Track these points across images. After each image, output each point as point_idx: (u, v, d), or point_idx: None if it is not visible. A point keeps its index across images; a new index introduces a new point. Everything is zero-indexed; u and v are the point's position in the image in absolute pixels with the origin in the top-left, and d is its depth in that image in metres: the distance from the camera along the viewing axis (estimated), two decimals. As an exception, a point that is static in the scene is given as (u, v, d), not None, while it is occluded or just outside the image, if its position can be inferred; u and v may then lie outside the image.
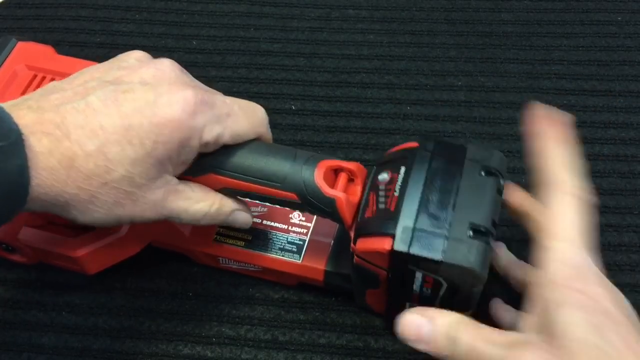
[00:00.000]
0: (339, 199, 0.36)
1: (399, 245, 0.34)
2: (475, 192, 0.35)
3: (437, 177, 0.35)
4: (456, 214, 0.34)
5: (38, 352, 0.42)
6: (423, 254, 0.33)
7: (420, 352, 0.42)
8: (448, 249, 0.33)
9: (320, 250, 0.42)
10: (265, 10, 0.61)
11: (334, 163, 0.37)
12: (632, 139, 0.51)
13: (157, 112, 0.33)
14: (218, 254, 0.44)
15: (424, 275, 0.34)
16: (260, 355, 0.42)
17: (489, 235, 0.34)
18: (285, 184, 0.36)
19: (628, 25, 0.58)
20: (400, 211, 0.34)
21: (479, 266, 0.33)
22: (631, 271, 0.44)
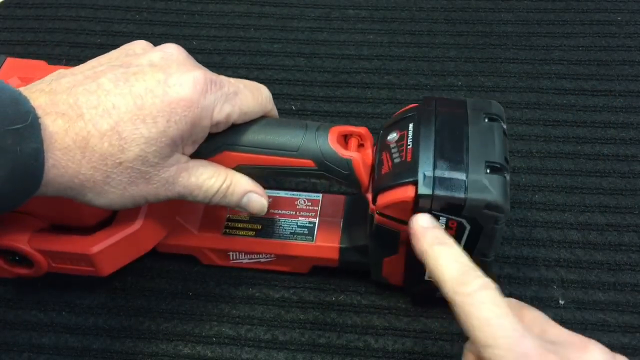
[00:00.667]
0: (355, 159, 0.37)
1: (422, 190, 0.34)
2: (484, 136, 0.36)
3: (446, 126, 0.37)
4: (471, 156, 0.35)
5: (38, 352, 0.42)
6: (447, 195, 0.34)
7: (420, 353, 0.42)
8: (470, 188, 0.34)
9: (332, 230, 0.43)
10: (265, 10, 0.61)
11: (343, 128, 0.38)
12: (632, 139, 0.51)
13: (169, 91, 0.33)
14: (229, 247, 0.44)
15: (448, 220, 0.35)
16: (260, 355, 0.42)
17: (505, 170, 0.35)
18: (300, 152, 0.37)
19: (628, 25, 0.58)
20: (418, 159, 0.35)
21: (501, 198, 0.34)
22: (631, 271, 0.44)
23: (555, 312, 0.43)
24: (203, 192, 0.37)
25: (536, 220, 0.47)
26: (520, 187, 0.49)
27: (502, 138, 0.36)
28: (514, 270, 0.45)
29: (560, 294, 0.44)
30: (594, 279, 0.44)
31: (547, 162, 0.50)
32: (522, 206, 0.48)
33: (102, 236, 0.39)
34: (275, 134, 0.37)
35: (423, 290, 0.41)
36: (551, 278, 0.44)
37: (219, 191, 0.37)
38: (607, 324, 0.42)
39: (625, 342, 0.41)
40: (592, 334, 0.41)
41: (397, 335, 0.42)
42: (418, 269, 0.38)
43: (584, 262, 0.45)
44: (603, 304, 0.43)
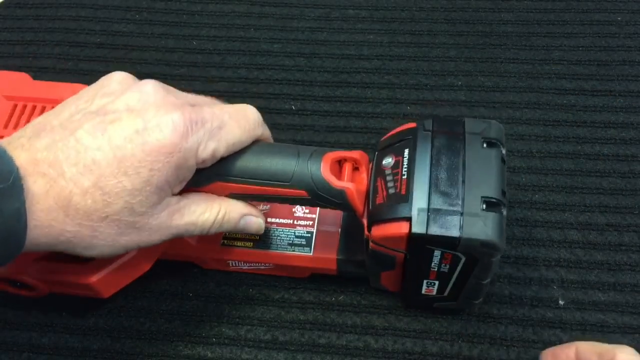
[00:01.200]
0: (349, 190, 0.36)
1: (416, 228, 0.34)
2: (481, 165, 0.35)
3: (442, 154, 0.36)
4: (467, 189, 0.35)
5: (38, 352, 0.42)
6: (441, 234, 0.34)
7: (420, 353, 0.42)
8: (464, 225, 0.34)
9: (330, 240, 0.43)
10: (265, 10, 0.61)
11: (337, 154, 0.37)
12: (632, 139, 0.51)
13: (148, 139, 0.32)
14: (227, 257, 0.44)
15: (443, 252, 0.35)
16: (260, 355, 0.42)
17: (501, 205, 0.34)
18: (293, 182, 0.36)
19: (628, 25, 0.58)
20: (412, 193, 0.35)
21: (497, 237, 0.34)
22: (631, 271, 0.44)
23: (555, 313, 0.43)
24: (199, 227, 0.37)
25: (536, 220, 0.47)
26: (520, 187, 0.49)
27: (500, 167, 0.36)
28: (514, 270, 0.45)
29: (560, 294, 0.44)
30: (594, 279, 0.44)
31: (547, 162, 0.50)
32: (522, 206, 0.48)
33: (99, 264, 0.39)
34: (267, 163, 0.37)
35: (420, 302, 0.42)
36: (551, 278, 0.44)
37: (214, 223, 0.37)
38: (606, 324, 0.42)
39: (625, 342, 0.41)
40: (592, 335, 0.42)
41: (397, 335, 0.42)
42: (415, 283, 0.39)
43: (584, 262, 0.45)
44: (603, 304, 0.43)
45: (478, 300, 0.40)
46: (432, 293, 0.40)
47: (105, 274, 0.39)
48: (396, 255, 0.37)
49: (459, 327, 0.43)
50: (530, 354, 0.41)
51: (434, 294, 0.40)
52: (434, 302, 0.41)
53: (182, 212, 0.36)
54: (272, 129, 0.40)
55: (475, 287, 0.38)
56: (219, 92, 0.55)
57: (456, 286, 0.38)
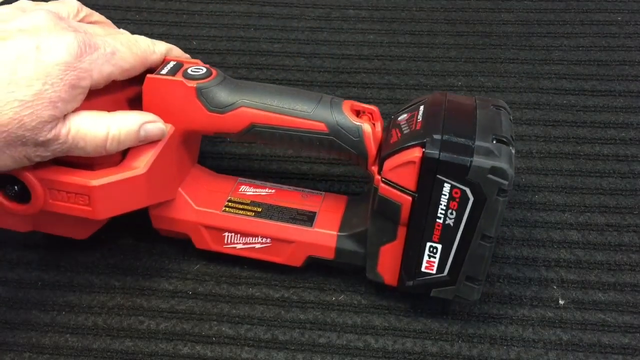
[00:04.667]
0: (366, 128, 0.38)
1: (429, 149, 0.35)
2: (492, 118, 0.37)
3: (454, 109, 0.38)
4: (478, 129, 0.36)
5: (38, 352, 0.42)
6: (453, 159, 0.35)
7: (420, 353, 0.42)
8: (476, 152, 0.35)
9: (332, 219, 0.43)
10: (265, 10, 0.61)
11: (357, 104, 0.40)
12: (632, 139, 0.51)
13: (42, 57, 0.34)
14: (226, 225, 0.43)
15: (452, 188, 0.36)
16: (260, 354, 0.42)
17: (511, 144, 0.36)
18: (314, 114, 0.38)
19: (628, 25, 0.58)
20: (427, 127, 0.36)
21: (507, 164, 0.35)
22: (631, 271, 0.44)
23: (555, 313, 0.43)
24: (92, 145, 0.37)
25: (536, 221, 0.47)
26: (520, 188, 0.49)
27: (509, 122, 0.37)
28: (514, 271, 0.45)
29: (560, 294, 0.44)
30: (593, 279, 0.44)
31: (547, 163, 0.50)
32: (522, 206, 0.48)
33: (104, 173, 0.39)
34: (291, 97, 0.39)
35: (418, 285, 0.41)
36: (551, 278, 0.44)
37: (108, 137, 0.37)
38: (607, 324, 0.42)
39: (625, 342, 0.41)
40: (592, 334, 0.42)
41: (397, 335, 0.42)
42: (415, 258, 0.39)
43: (583, 262, 0.45)
44: (603, 304, 0.43)
45: (478, 283, 0.39)
46: (432, 271, 0.39)
47: (106, 183, 0.38)
48: (403, 203, 0.37)
49: (459, 327, 0.43)
50: (530, 354, 0.41)
51: (434, 273, 0.39)
52: (431, 287, 0.41)
53: (70, 126, 0.36)
54: (272, 128, 0.40)
55: (477, 256, 0.38)
56: (219, 92, 0.55)
57: (458, 258, 0.38)
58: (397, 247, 0.39)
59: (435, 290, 0.40)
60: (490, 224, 0.37)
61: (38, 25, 0.36)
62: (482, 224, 0.37)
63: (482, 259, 0.38)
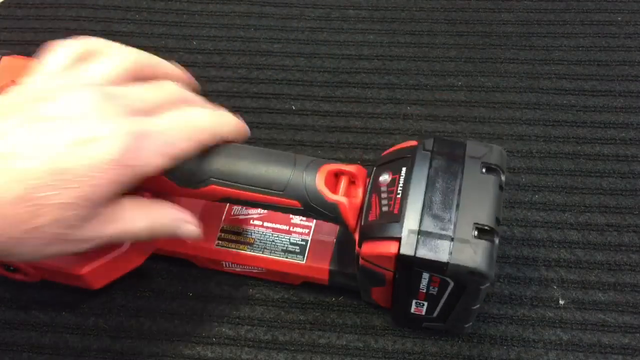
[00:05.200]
0: (342, 204, 0.36)
1: (405, 249, 0.34)
2: (478, 191, 0.35)
3: (439, 177, 0.36)
4: (460, 214, 0.34)
5: (38, 352, 0.42)
6: (429, 257, 0.34)
7: (420, 353, 0.42)
8: (454, 251, 0.33)
9: (324, 250, 0.42)
10: (265, 10, 0.61)
11: (334, 167, 0.37)
12: (632, 139, 0.51)
13: (90, 153, 0.31)
14: (221, 258, 0.44)
15: (431, 275, 0.35)
16: (260, 355, 0.42)
17: (494, 233, 0.34)
18: (287, 192, 0.36)
19: (628, 25, 0.58)
20: (405, 214, 0.35)
21: (486, 266, 0.33)
22: (631, 271, 0.44)
23: (555, 313, 0.43)
24: (129, 235, 0.35)
25: (536, 221, 0.47)
26: (520, 187, 0.49)
27: (497, 194, 0.35)
28: (514, 270, 0.45)
29: (560, 294, 0.44)
30: (594, 279, 0.44)
31: (547, 162, 0.50)
32: (522, 206, 0.48)
33: (91, 256, 0.39)
34: (262, 170, 0.36)
35: (409, 321, 0.41)
36: (551, 278, 0.44)
37: (145, 230, 0.35)
38: (607, 324, 0.42)
39: (625, 342, 0.41)
40: (592, 335, 0.42)
41: (397, 335, 0.42)
42: (404, 301, 0.39)
43: (584, 262, 0.45)
44: (603, 304, 0.43)
45: (467, 324, 0.40)
46: (421, 313, 0.39)
47: (97, 266, 0.39)
48: (385, 273, 0.37)
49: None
50: (530, 354, 0.41)
51: (423, 314, 0.40)
52: (422, 322, 0.41)
53: (111, 220, 0.33)
54: (272, 128, 0.40)
55: (465, 312, 0.38)
56: (219, 92, 0.55)
57: (445, 309, 0.38)
58: (387, 289, 0.39)
59: (426, 324, 0.41)
60: (474, 302, 0.37)
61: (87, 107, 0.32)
62: (465, 300, 0.36)
63: (469, 315, 0.39)
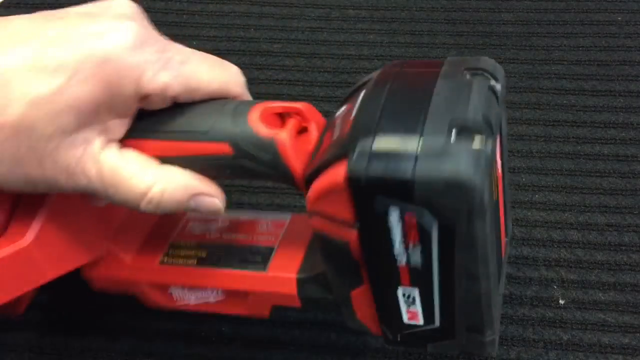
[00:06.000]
0: (280, 140, 0.28)
1: (354, 168, 0.24)
2: (456, 92, 0.25)
3: (404, 86, 0.27)
4: (430, 116, 0.25)
5: (38, 353, 0.42)
6: (388, 173, 0.24)
7: (421, 353, 0.42)
8: (423, 156, 0.24)
9: (292, 257, 0.33)
10: (265, 10, 0.61)
11: (274, 104, 0.29)
12: (633, 139, 0.51)
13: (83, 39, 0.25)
14: (162, 279, 0.35)
15: (402, 212, 0.25)
16: (260, 355, 0.42)
17: (481, 132, 0.24)
18: (212, 133, 0.29)
19: (628, 25, 0.58)
20: (356, 129, 0.26)
21: (471, 170, 0.23)
22: (631, 271, 0.44)
23: (556, 312, 0.43)
24: (123, 195, 0.28)
25: (536, 220, 0.47)
26: (520, 187, 0.49)
27: (485, 94, 0.26)
28: (514, 270, 0.45)
29: (561, 294, 0.44)
30: (594, 279, 0.44)
31: (547, 162, 0.50)
32: (522, 206, 0.48)
33: None
34: (184, 113, 0.29)
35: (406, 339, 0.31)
36: (551, 278, 0.44)
37: (145, 195, 0.28)
38: (607, 324, 0.42)
39: (625, 342, 0.41)
40: (592, 334, 0.42)
41: (397, 335, 0.42)
42: (388, 297, 0.29)
43: (584, 262, 0.45)
44: (603, 304, 0.43)
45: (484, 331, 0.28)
46: (418, 322, 0.29)
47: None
48: (348, 240, 0.27)
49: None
50: (530, 354, 0.41)
51: (422, 324, 0.29)
52: (426, 340, 0.30)
53: (104, 164, 0.27)
54: (272, 128, 0.39)
55: (471, 301, 0.27)
56: (219, 92, 0.55)
57: (446, 305, 0.28)
58: (368, 291, 0.29)
59: (431, 346, 0.30)
60: (473, 259, 0.25)
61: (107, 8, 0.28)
62: (461, 260, 0.25)
63: (479, 305, 0.27)
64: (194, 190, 0.30)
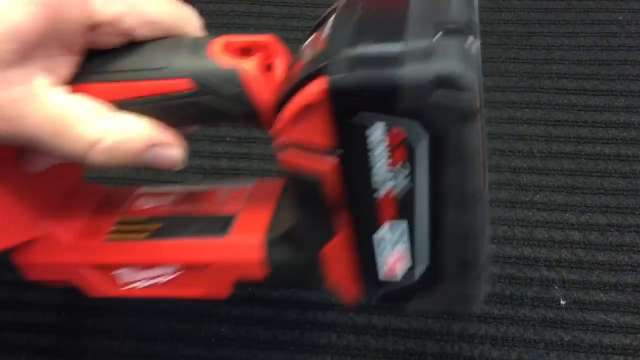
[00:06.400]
0: (243, 71, 0.26)
1: (335, 78, 0.22)
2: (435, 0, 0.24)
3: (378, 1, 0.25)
4: (412, 25, 0.23)
5: (37, 353, 0.42)
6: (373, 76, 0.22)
7: (421, 353, 0.41)
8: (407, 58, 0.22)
9: (257, 220, 0.30)
10: (265, 10, 0.61)
11: (236, 38, 0.27)
12: (634, 139, 0.51)
13: None
14: (111, 260, 0.31)
15: (388, 127, 0.23)
16: (260, 355, 0.42)
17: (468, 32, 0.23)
18: (170, 69, 0.26)
19: (629, 24, 0.58)
20: (333, 44, 0.24)
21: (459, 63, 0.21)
22: (632, 271, 0.44)
23: (557, 313, 0.43)
24: (66, 145, 0.24)
25: (537, 221, 0.47)
26: (521, 187, 0.49)
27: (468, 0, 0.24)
28: (515, 271, 0.45)
29: (562, 295, 0.43)
30: (595, 280, 0.44)
31: (548, 162, 0.50)
32: (523, 206, 0.47)
33: None
34: (140, 52, 0.27)
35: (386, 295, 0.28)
36: (552, 278, 0.44)
37: (98, 146, 0.25)
38: (608, 324, 0.42)
39: (626, 343, 0.41)
40: (594, 335, 0.41)
41: (397, 335, 0.42)
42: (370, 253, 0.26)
43: (585, 262, 0.45)
44: (604, 304, 0.43)
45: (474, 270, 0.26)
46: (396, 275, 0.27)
47: None
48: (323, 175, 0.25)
49: (460, 327, 0.42)
50: (531, 355, 0.41)
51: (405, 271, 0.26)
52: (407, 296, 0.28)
53: (47, 106, 0.24)
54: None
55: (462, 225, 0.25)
56: (219, 92, 0.55)
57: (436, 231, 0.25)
58: (342, 242, 0.27)
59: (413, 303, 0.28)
60: (465, 173, 0.23)
61: None
62: (452, 178, 0.23)
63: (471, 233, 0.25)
64: (151, 139, 0.26)
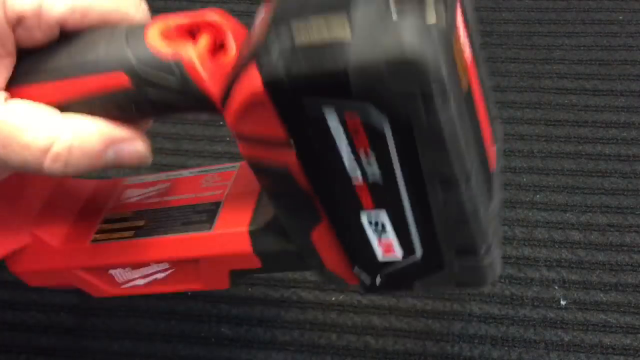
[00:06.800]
0: (186, 57, 0.23)
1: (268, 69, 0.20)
2: None
3: None
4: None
5: (37, 353, 0.42)
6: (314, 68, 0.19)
7: (421, 353, 0.41)
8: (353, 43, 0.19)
9: (242, 208, 0.28)
10: (266, 10, 0.61)
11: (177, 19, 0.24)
12: (634, 139, 0.51)
13: None
14: (97, 261, 0.30)
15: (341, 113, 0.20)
16: (260, 355, 0.42)
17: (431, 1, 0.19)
18: (103, 61, 0.24)
19: (629, 24, 0.58)
20: (269, 28, 0.20)
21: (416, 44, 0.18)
22: (633, 271, 0.44)
23: (557, 313, 0.43)
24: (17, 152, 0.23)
25: (537, 221, 0.47)
26: (522, 187, 0.48)
27: None
28: (515, 271, 0.45)
29: (562, 295, 0.43)
30: (595, 280, 0.44)
31: (548, 162, 0.50)
32: (523, 206, 0.47)
33: None
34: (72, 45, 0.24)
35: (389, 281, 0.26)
36: (552, 278, 0.44)
37: (50, 152, 0.23)
38: (608, 324, 0.42)
39: (627, 343, 0.41)
40: (594, 335, 0.41)
41: (398, 335, 0.42)
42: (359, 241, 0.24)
43: (585, 262, 0.45)
44: (605, 304, 0.43)
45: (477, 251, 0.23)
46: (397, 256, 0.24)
47: None
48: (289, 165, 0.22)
49: (460, 327, 0.42)
50: (531, 355, 0.41)
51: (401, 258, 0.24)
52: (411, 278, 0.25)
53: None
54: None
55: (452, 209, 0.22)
56: (219, 92, 0.55)
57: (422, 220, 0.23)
58: (330, 229, 0.25)
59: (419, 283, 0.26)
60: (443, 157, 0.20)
61: None
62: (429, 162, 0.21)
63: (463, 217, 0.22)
64: (107, 137, 0.24)
